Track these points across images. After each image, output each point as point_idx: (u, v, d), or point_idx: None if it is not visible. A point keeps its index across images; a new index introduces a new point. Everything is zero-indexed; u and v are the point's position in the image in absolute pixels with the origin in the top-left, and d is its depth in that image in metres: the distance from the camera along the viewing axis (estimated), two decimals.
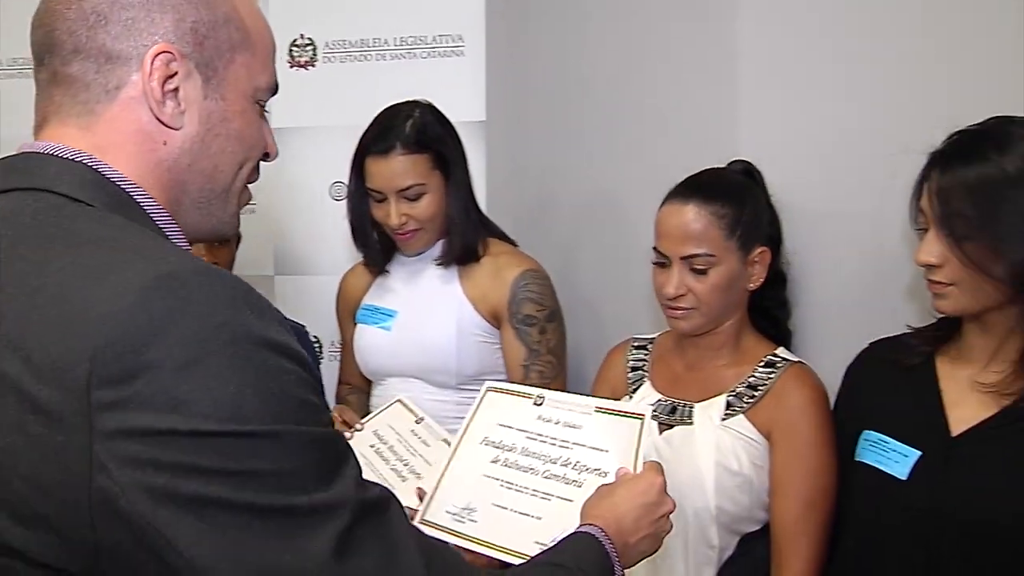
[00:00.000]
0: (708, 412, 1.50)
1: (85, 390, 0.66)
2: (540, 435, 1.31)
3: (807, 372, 1.50)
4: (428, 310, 1.84)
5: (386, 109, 1.78)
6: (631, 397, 1.60)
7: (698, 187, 1.51)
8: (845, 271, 1.66)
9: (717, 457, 1.45)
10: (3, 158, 0.85)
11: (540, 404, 1.35)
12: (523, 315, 1.81)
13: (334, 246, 2.12)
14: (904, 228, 1.35)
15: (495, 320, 1.84)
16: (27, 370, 0.68)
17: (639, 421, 1.26)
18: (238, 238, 1.94)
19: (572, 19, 2.08)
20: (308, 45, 2.15)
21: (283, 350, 0.73)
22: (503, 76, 2.16)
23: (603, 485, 1.15)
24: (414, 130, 1.74)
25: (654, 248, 1.53)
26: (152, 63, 0.83)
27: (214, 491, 0.68)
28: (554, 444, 1.30)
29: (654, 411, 1.53)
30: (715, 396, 1.51)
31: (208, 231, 0.92)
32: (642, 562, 1.40)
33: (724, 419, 1.48)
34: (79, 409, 0.66)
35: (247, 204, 0.95)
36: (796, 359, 1.53)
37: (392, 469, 1.65)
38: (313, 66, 2.16)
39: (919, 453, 1.31)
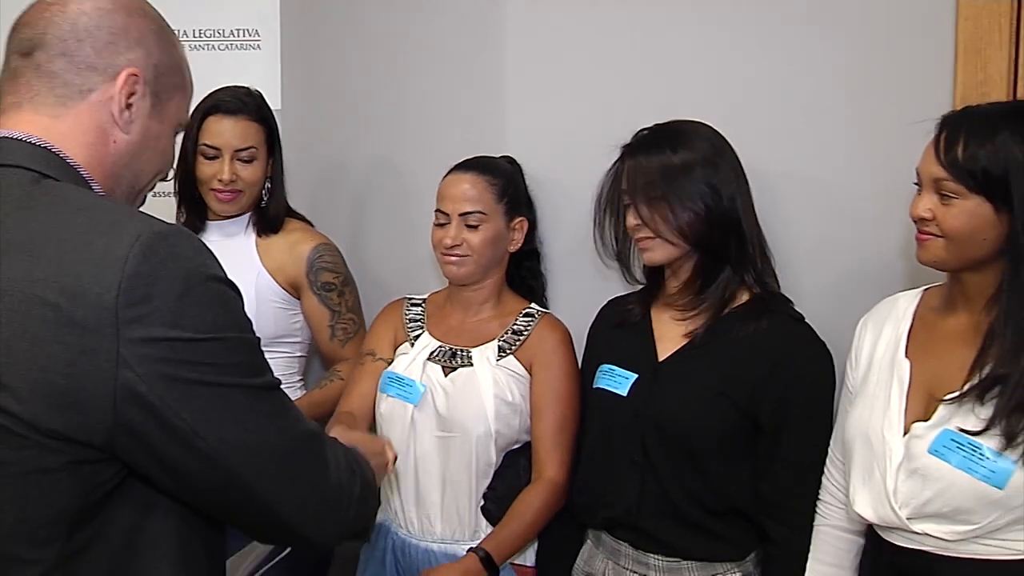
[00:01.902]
0: (485, 354, 1.85)
1: (114, 309, 0.91)
2: None
3: (557, 320, 1.90)
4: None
5: (226, 86, 2.02)
6: (412, 344, 1.92)
7: (475, 164, 1.88)
8: (588, 245, 2.03)
9: (495, 391, 1.80)
10: None
11: None
12: (322, 283, 2.08)
13: None
14: None
15: (294, 290, 2.09)
16: (64, 296, 0.91)
17: None
18: None
19: (362, 18, 2.32)
20: None
21: (229, 283, 1.01)
22: (297, 68, 2.38)
23: None
24: (257, 103, 2.02)
25: (437, 210, 1.86)
26: (125, 78, 1.06)
27: (207, 376, 0.96)
28: None
29: (436, 355, 1.86)
30: (487, 342, 1.86)
31: None
32: (435, 475, 1.81)
33: (498, 360, 1.84)
34: (109, 322, 0.91)
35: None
36: (547, 311, 1.92)
37: None
38: None
39: (636, 375, 1.72)
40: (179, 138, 1.23)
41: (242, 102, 2.01)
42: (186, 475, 0.98)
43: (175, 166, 2.05)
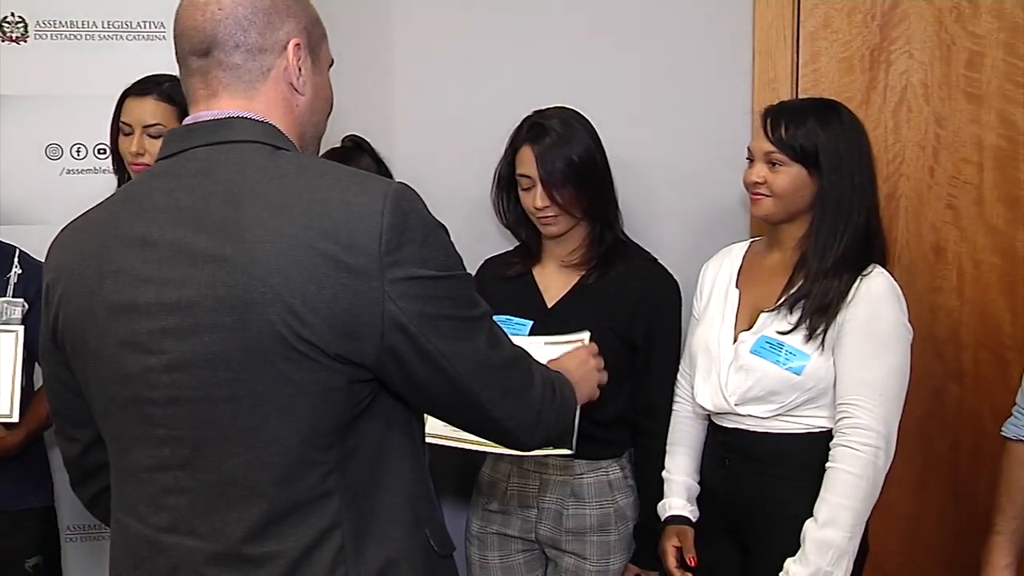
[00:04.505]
0: None
1: (378, 255, 1.08)
2: None
3: None
4: None
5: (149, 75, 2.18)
6: None
7: None
8: (480, 212, 2.42)
9: None
10: (207, 121, 1.17)
11: None
12: None
13: (52, 198, 2.44)
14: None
15: None
16: (339, 247, 1.07)
17: (581, 343, 1.82)
18: None
19: None
20: (19, 22, 2.41)
21: (445, 228, 1.17)
22: None
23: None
24: (169, 86, 2.13)
25: None
26: (293, 50, 1.19)
27: (445, 308, 1.13)
28: None
29: None
30: None
31: None
32: None
33: None
34: (376, 266, 1.08)
35: None
36: None
37: None
38: (25, 41, 2.42)
39: (531, 321, 2.10)
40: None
41: (153, 83, 2.15)
42: (428, 389, 1.15)
43: (110, 146, 2.21)
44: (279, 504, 1.13)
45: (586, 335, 1.88)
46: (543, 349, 1.86)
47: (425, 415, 1.29)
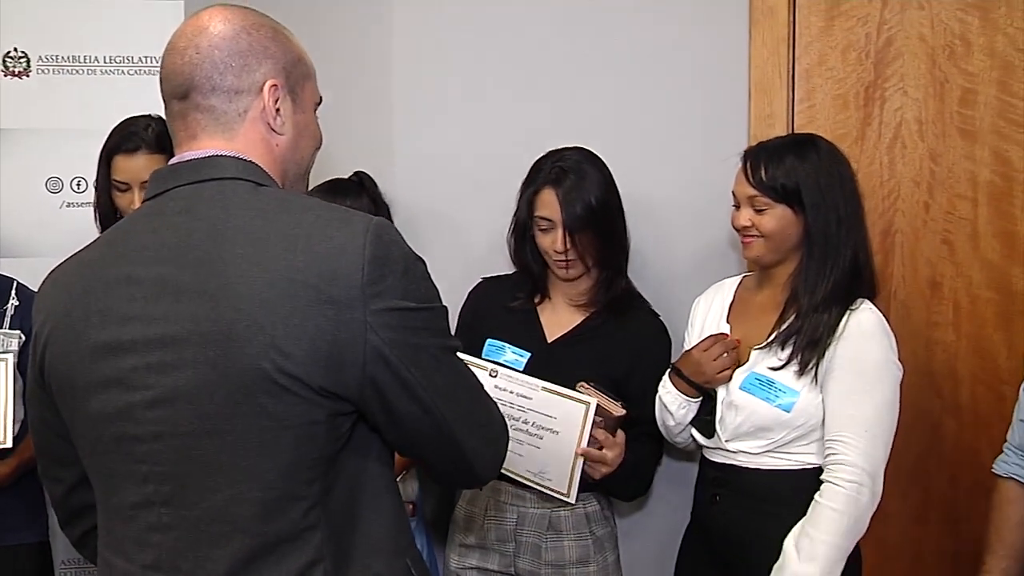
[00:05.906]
0: None
1: (360, 287, 1.09)
2: (499, 400, 1.67)
3: None
4: None
5: (127, 119, 2.17)
6: None
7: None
8: (477, 237, 2.47)
9: None
10: (190, 160, 1.19)
11: (495, 376, 1.90)
12: None
13: (52, 231, 2.46)
14: (495, 213, 2.22)
15: None
16: (321, 279, 1.08)
17: (585, 406, 1.85)
18: None
19: None
20: (22, 57, 2.44)
21: (423, 262, 1.19)
22: None
23: None
24: (154, 135, 2.14)
25: None
26: (270, 93, 1.20)
27: (424, 339, 1.15)
28: (511, 407, 1.86)
29: None
30: None
31: None
32: None
33: None
34: (358, 297, 1.09)
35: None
36: None
37: None
38: (27, 75, 2.45)
39: (530, 354, 2.11)
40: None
41: (140, 139, 2.14)
42: (406, 419, 1.16)
43: (96, 202, 2.21)
44: (261, 540, 1.13)
45: (595, 401, 1.88)
46: (539, 394, 1.89)
47: None
